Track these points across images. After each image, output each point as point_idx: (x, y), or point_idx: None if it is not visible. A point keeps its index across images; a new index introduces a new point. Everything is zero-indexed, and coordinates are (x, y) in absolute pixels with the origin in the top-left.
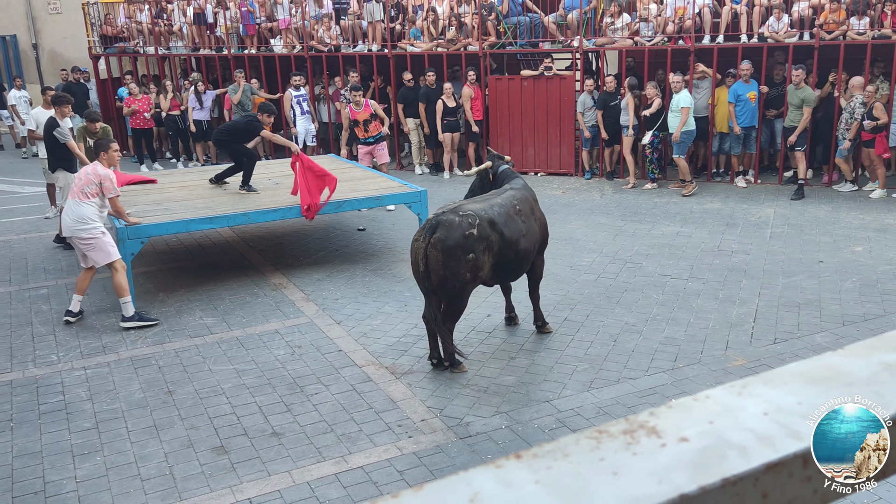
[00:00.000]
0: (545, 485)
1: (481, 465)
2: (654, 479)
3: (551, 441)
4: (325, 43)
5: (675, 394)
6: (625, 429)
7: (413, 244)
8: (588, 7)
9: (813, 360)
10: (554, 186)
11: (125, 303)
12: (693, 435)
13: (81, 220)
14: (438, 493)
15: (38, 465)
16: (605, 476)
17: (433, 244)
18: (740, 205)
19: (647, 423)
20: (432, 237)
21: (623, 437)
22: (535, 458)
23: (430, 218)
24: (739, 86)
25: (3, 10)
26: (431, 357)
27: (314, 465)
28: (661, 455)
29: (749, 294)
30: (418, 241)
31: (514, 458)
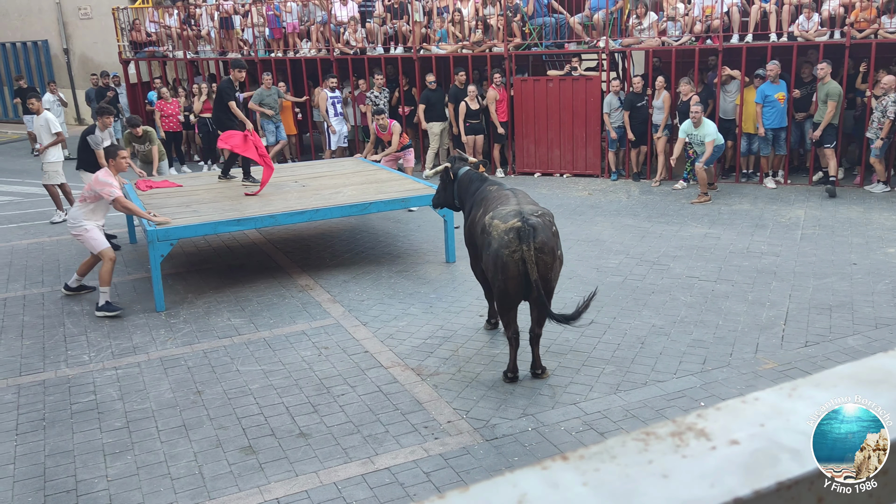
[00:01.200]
0: (593, 487)
1: (527, 467)
2: (705, 482)
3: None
4: (351, 45)
5: (704, 397)
6: (672, 431)
7: (511, 255)
8: (614, 7)
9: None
10: (580, 188)
11: (102, 292)
12: (744, 437)
13: (72, 219)
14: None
15: (70, 463)
16: (654, 479)
17: (540, 249)
18: (770, 206)
19: (695, 426)
20: (536, 242)
21: (671, 440)
22: (582, 460)
23: (515, 224)
24: (767, 86)
25: (35, 16)
26: (511, 372)
27: (341, 466)
28: (712, 458)
29: (779, 296)
30: (519, 250)
31: (560, 459)
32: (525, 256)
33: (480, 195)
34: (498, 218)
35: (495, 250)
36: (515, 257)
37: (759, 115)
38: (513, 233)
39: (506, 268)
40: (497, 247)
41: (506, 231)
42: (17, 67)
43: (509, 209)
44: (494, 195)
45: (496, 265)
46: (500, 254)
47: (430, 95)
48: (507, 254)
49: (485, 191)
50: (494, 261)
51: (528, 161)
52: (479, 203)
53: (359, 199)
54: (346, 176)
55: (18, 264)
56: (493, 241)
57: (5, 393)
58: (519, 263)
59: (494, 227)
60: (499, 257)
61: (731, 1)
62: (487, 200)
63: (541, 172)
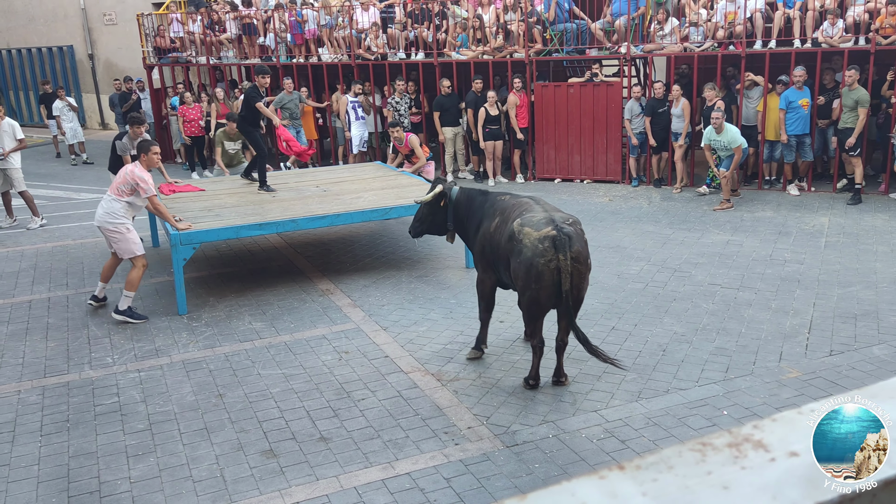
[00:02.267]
0: (653, 497)
1: (583, 476)
2: (766, 494)
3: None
4: (372, 51)
5: (728, 406)
6: (729, 442)
7: (548, 265)
8: (636, 13)
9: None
10: (600, 194)
11: (126, 296)
12: (802, 449)
13: (111, 213)
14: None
15: (93, 465)
16: (715, 490)
17: (575, 258)
18: (793, 213)
19: (752, 437)
20: (571, 251)
21: (729, 451)
22: (639, 470)
23: (550, 233)
24: (791, 92)
25: (61, 22)
26: (533, 379)
27: (361, 471)
28: (772, 469)
29: (803, 304)
30: (555, 259)
31: (616, 468)
32: (561, 266)
33: (491, 207)
34: (529, 225)
35: (528, 259)
36: (551, 266)
37: (782, 121)
38: (548, 241)
39: (540, 277)
40: (531, 255)
41: (540, 239)
42: (42, 72)
43: (539, 216)
44: (511, 203)
45: (529, 274)
46: (534, 262)
47: (444, 101)
48: (543, 263)
49: (496, 202)
50: (528, 269)
51: (549, 167)
52: (490, 214)
53: (379, 205)
54: (367, 181)
55: (43, 267)
56: (526, 249)
57: (30, 394)
58: (554, 273)
59: (526, 235)
60: (533, 266)
61: (755, 7)
62: (504, 210)
63: (561, 178)
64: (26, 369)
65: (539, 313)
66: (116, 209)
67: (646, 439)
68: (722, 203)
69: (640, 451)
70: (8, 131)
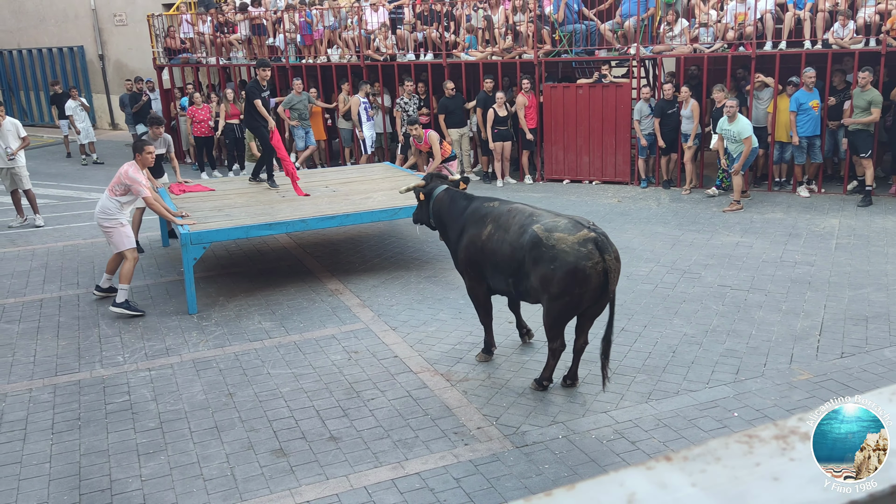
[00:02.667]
0: (703, 488)
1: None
2: (818, 485)
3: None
4: (381, 52)
5: (738, 407)
6: (776, 434)
7: (595, 267)
8: (646, 14)
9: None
10: (609, 195)
11: (122, 289)
12: None
13: (103, 210)
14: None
15: (104, 463)
16: (765, 481)
17: (616, 258)
18: (803, 215)
19: (798, 429)
20: (613, 251)
21: (776, 443)
22: (687, 462)
23: (589, 235)
24: (802, 94)
25: (72, 22)
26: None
27: (371, 471)
28: None
29: (814, 306)
30: (601, 261)
31: (663, 460)
32: (608, 266)
33: (478, 213)
34: (558, 230)
35: (574, 263)
36: (598, 269)
37: (792, 122)
38: (591, 244)
39: (587, 280)
40: (574, 259)
41: (580, 243)
42: (53, 73)
43: (561, 221)
44: (504, 210)
45: (573, 278)
46: (580, 266)
47: (448, 103)
48: (591, 266)
49: (483, 208)
50: (570, 274)
51: (557, 168)
52: (477, 221)
53: (388, 205)
54: (376, 181)
55: (54, 266)
56: (565, 254)
57: (41, 392)
58: (601, 274)
59: (560, 241)
60: (580, 270)
61: (765, 8)
62: (498, 217)
63: (570, 179)
64: (38, 367)
65: (570, 318)
66: (109, 207)
67: (656, 441)
68: (731, 204)
69: (650, 452)
70: (11, 130)
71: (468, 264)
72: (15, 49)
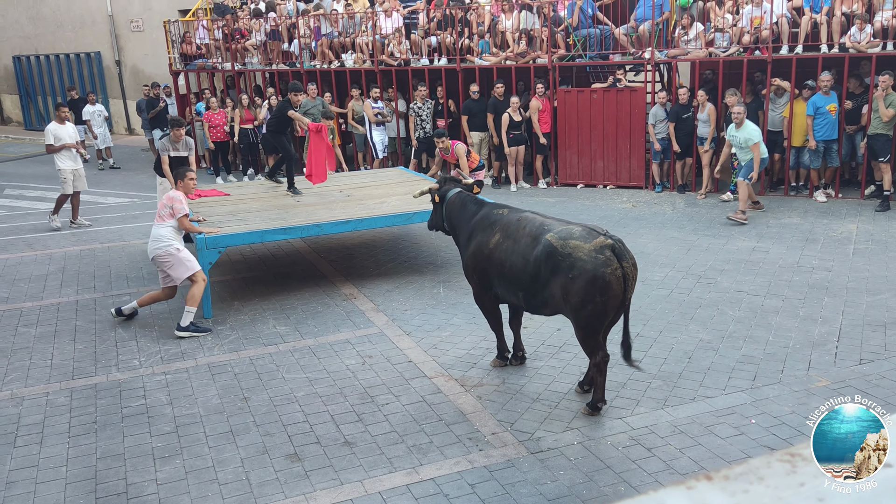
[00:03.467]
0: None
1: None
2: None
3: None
4: (395, 57)
5: (756, 414)
6: None
7: (614, 273)
8: (660, 18)
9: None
10: (623, 199)
11: (188, 312)
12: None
13: (157, 239)
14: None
15: (120, 466)
16: (810, 502)
17: (634, 264)
18: (820, 220)
19: None
20: (630, 258)
21: None
22: (728, 481)
23: (606, 242)
24: (819, 98)
25: (89, 28)
26: (601, 402)
27: (386, 476)
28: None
29: (832, 312)
30: (619, 267)
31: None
32: (626, 273)
33: (486, 220)
34: (573, 238)
35: (592, 271)
36: (617, 275)
37: (810, 127)
38: (608, 250)
39: (608, 288)
40: (593, 267)
41: (598, 250)
42: (70, 78)
43: (575, 228)
44: (513, 219)
45: (593, 287)
46: (600, 274)
47: (473, 106)
48: (609, 272)
49: (492, 215)
50: (592, 282)
51: (571, 172)
52: (486, 228)
53: (403, 210)
54: (390, 186)
55: (71, 270)
56: (583, 262)
57: (58, 396)
58: (620, 281)
59: (577, 249)
60: (599, 278)
61: (781, 12)
62: (507, 226)
63: (584, 184)
64: (55, 371)
65: (601, 327)
66: (162, 234)
67: (672, 447)
68: (736, 213)
69: (666, 459)
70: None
71: (475, 270)
72: (33, 55)
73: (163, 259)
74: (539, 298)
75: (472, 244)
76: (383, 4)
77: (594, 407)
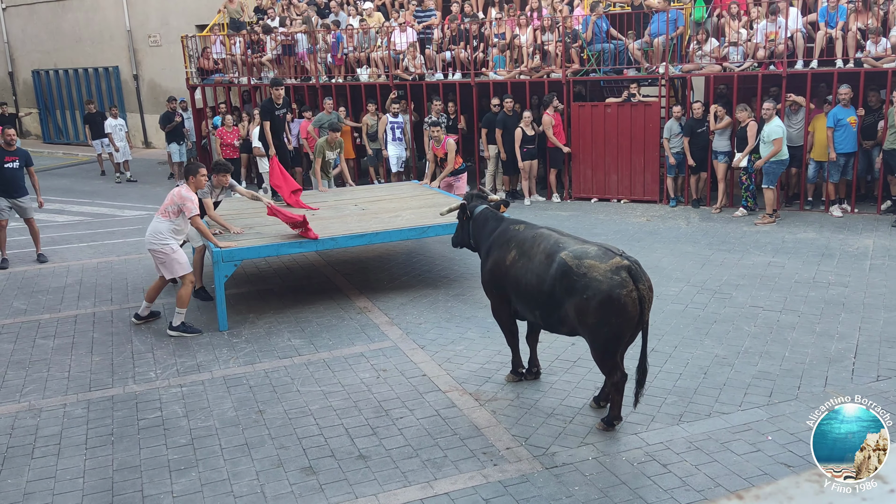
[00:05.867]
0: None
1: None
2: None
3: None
4: (410, 72)
5: (772, 431)
6: None
7: (630, 295)
8: (675, 33)
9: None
10: (638, 214)
11: (178, 313)
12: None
13: (155, 233)
14: None
15: (136, 478)
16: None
17: (650, 286)
18: (836, 235)
19: None
20: (646, 279)
21: None
22: (759, 500)
23: (622, 263)
24: (839, 110)
25: (107, 43)
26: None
27: (400, 490)
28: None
29: (848, 328)
30: (634, 289)
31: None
32: (642, 295)
33: (503, 236)
34: (588, 258)
35: (607, 292)
36: (633, 297)
37: (830, 139)
38: (623, 272)
39: (623, 309)
40: (608, 288)
41: (613, 271)
42: (88, 92)
43: (590, 248)
44: (529, 236)
45: (608, 307)
46: (614, 295)
47: (493, 118)
48: (625, 294)
49: (508, 231)
50: (606, 303)
51: (585, 186)
52: (503, 244)
53: (417, 223)
54: (404, 200)
55: (88, 282)
56: (599, 283)
57: (76, 408)
58: (636, 303)
59: (592, 268)
60: (614, 299)
61: (796, 27)
62: (522, 242)
63: (598, 198)
64: (72, 383)
65: (617, 348)
66: (161, 229)
67: (688, 464)
68: (764, 217)
69: (682, 475)
70: None
71: (492, 284)
72: (52, 69)
73: (157, 255)
74: (555, 317)
75: (489, 260)
76: (398, 19)
77: (609, 423)
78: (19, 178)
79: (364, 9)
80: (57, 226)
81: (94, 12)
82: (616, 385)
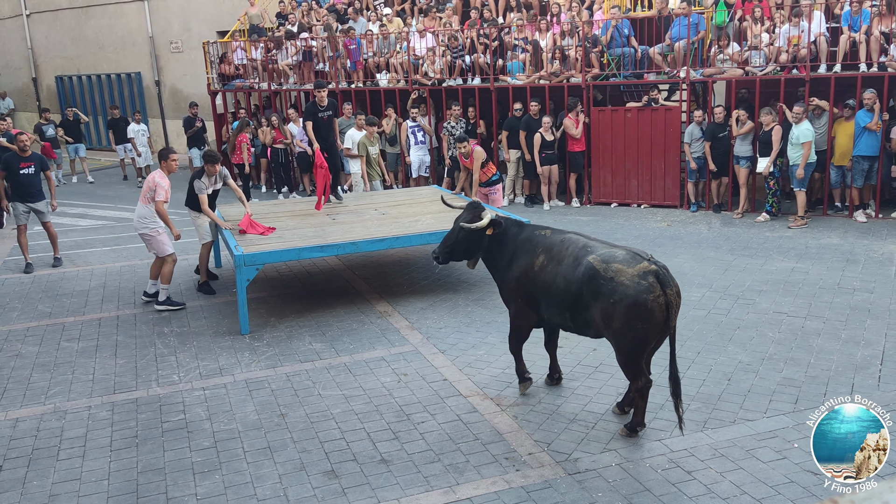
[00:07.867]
0: None
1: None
2: None
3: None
4: (429, 77)
5: (798, 438)
6: None
7: (657, 300)
8: (696, 37)
9: None
10: (658, 218)
11: (163, 289)
12: None
13: (141, 217)
14: None
15: (161, 481)
16: None
17: (678, 292)
18: (861, 240)
19: None
20: (675, 284)
21: None
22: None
23: (650, 268)
24: (864, 114)
25: (129, 50)
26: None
27: (423, 494)
28: None
29: (874, 335)
30: (662, 294)
31: (829, 502)
32: (669, 300)
33: (529, 242)
34: (616, 262)
35: (633, 297)
36: (660, 302)
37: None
38: (651, 276)
39: (650, 314)
40: (635, 293)
41: (640, 275)
42: (111, 98)
43: (618, 252)
44: (556, 240)
45: (635, 312)
46: (642, 300)
47: (514, 123)
48: (652, 299)
49: (535, 237)
50: (634, 309)
51: (605, 191)
52: (530, 251)
53: (437, 228)
54: (425, 204)
55: (112, 286)
56: (625, 287)
57: (100, 410)
58: (663, 308)
59: (619, 273)
60: (641, 304)
61: (819, 31)
62: (550, 247)
63: (618, 202)
64: (96, 385)
65: (643, 353)
66: (144, 214)
67: (713, 471)
68: (796, 220)
69: (707, 483)
70: None
71: (518, 291)
72: (75, 75)
73: (145, 237)
74: (582, 319)
75: (514, 267)
76: (417, 25)
77: (632, 429)
78: (36, 183)
79: (384, 14)
80: (81, 230)
81: (116, 19)
82: (640, 391)
